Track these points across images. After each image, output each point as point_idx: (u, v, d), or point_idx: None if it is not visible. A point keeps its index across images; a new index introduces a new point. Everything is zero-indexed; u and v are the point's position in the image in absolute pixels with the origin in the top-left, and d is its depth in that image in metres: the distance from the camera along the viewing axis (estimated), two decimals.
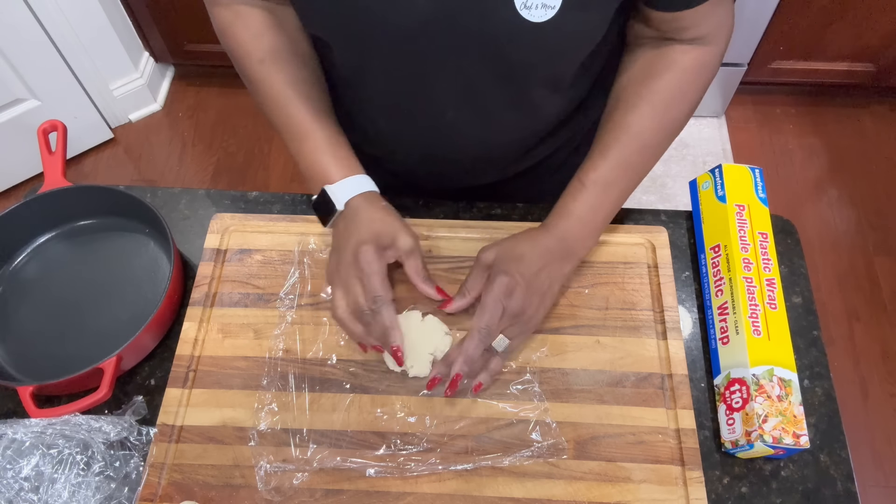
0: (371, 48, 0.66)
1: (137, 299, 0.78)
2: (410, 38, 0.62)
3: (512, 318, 0.68)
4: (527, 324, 0.70)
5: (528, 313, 0.69)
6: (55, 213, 0.83)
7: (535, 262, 0.69)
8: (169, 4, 1.90)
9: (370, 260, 0.68)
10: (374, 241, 0.68)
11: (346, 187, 0.71)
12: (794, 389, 0.67)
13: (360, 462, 0.68)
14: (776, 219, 0.83)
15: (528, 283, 0.68)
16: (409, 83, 0.69)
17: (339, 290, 0.70)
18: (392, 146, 0.81)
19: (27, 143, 1.76)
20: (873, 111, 2.15)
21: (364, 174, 0.73)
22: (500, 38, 0.61)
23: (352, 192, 0.71)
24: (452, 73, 0.66)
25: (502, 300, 0.67)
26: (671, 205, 1.94)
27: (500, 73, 0.66)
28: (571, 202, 0.72)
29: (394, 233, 0.70)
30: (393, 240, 0.70)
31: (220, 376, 0.73)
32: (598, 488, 0.67)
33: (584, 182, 0.71)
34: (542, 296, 0.70)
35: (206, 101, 2.23)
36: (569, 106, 0.79)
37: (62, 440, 0.64)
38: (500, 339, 0.69)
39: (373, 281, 0.67)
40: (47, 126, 0.83)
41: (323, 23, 0.66)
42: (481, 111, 0.72)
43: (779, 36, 1.86)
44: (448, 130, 0.75)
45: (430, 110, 0.73)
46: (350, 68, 0.73)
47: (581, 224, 0.72)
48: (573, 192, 0.72)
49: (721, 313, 0.73)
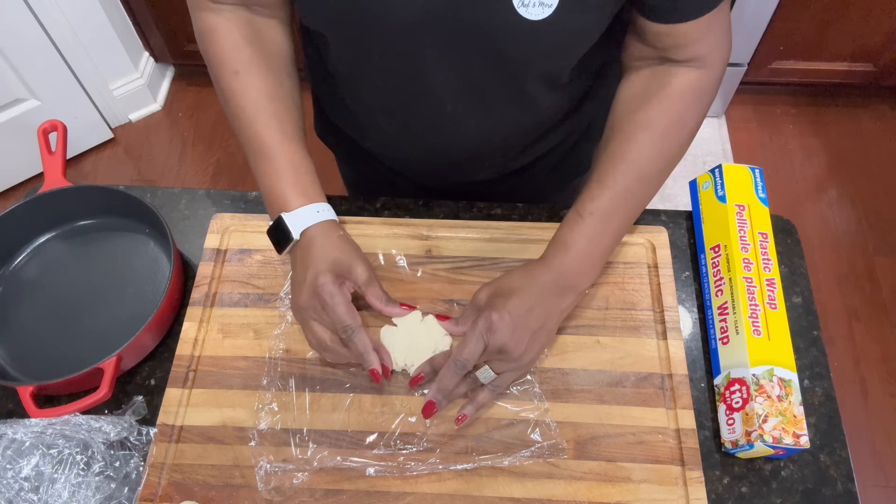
0: (369, 43, 0.66)
1: (137, 299, 0.78)
2: (408, 33, 0.63)
3: (496, 354, 0.66)
4: (517, 361, 0.67)
5: (516, 351, 0.66)
6: (55, 213, 0.83)
7: (528, 298, 0.67)
8: (169, 4, 1.90)
9: (331, 292, 0.66)
10: (332, 271, 0.67)
11: (302, 216, 0.69)
12: (794, 389, 0.67)
13: (359, 461, 0.68)
14: (776, 219, 0.83)
15: (515, 320, 0.65)
16: (407, 78, 0.70)
17: (309, 326, 0.69)
18: (391, 142, 0.81)
19: (27, 143, 1.76)
20: (873, 111, 2.15)
21: (324, 202, 0.72)
22: (497, 34, 0.61)
23: (308, 221, 0.69)
24: (450, 69, 0.66)
25: (484, 335, 0.65)
26: (671, 205, 1.94)
27: (498, 69, 0.66)
28: (569, 234, 0.69)
29: (350, 263, 0.69)
30: (349, 270, 0.69)
31: (220, 376, 0.73)
32: (598, 488, 0.67)
33: (582, 213, 0.69)
34: (533, 333, 0.67)
35: (206, 101, 2.23)
36: (567, 102, 0.79)
37: (62, 440, 0.64)
38: (484, 371, 0.67)
39: (337, 312, 0.66)
40: (47, 126, 0.83)
41: (322, 18, 0.66)
42: (480, 107, 0.72)
43: (779, 36, 1.86)
44: (447, 126, 0.75)
45: (428, 106, 0.73)
46: (349, 63, 0.73)
47: (580, 257, 0.69)
48: (571, 224, 0.70)
49: (721, 313, 0.73)
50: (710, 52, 0.67)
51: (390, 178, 0.93)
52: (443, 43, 0.63)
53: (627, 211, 0.71)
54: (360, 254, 0.71)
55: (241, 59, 0.70)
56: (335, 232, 0.70)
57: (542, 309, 0.68)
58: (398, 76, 0.70)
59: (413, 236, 0.82)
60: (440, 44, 0.63)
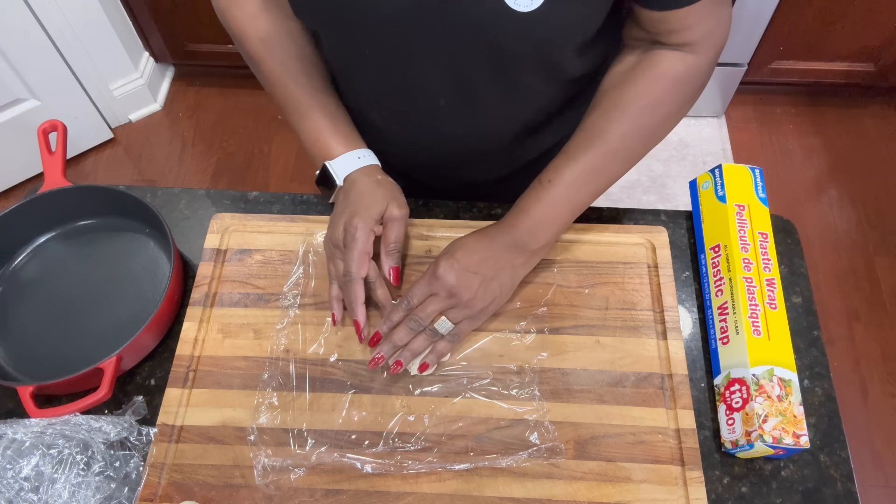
0: (360, 37, 0.67)
1: (137, 299, 0.78)
2: (399, 26, 0.63)
3: (447, 298, 0.69)
4: (469, 307, 0.70)
5: (466, 293, 0.69)
6: (55, 213, 0.83)
7: (477, 249, 0.71)
8: (169, 4, 1.90)
9: (355, 235, 0.70)
10: (364, 212, 0.71)
11: (345, 162, 0.74)
12: (794, 389, 0.67)
13: (358, 458, 0.68)
14: (776, 219, 0.83)
15: (462, 264, 0.69)
16: (399, 72, 0.70)
17: (332, 260, 0.74)
18: (387, 138, 0.82)
19: (27, 143, 1.76)
20: (873, 111, 2.15)
21: (363, 147, 0.77)
22: (486, 26, 0.61)
23: (350, 167, 0.74)
24: (443, 62, 0.67)
25: (430, 279, 0.70)
26: (671, 205, 1.94)
27: (490, 63, 0.66)
28: (527, 200, 0.72)
29: (385, 203, 0.72)
30: (384, 209, 0.72)
31: (220, 376, 0.73)
32: (598, 488, 0.67)
33: (543, 181, 0.71)
34: (484, 279, 0.70)
35: (206, 101, 2.23)
36: (563, 96, 0.79)
37: (62, 440, 0.64)
38: (442, 322, 0.70)
39: (349, 255, 0.70)
40: (47, 126, 0.83)
41: (312, 13, 0.67)
42: (473, 100, 0.72)
43: (779, 36, 1.86)
44: (441, 121, 0.76)
45: (422, 100, 0.73)
46: (341, 59, 0.74)
47: (533, 220, 0.71)
48: (531, 192, 0.72)
49: (721, 313, 0.73)
50: (702, 39, 0.67)
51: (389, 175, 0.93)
52: (434, 36, 0.63)
53: (591, 184, 0.72)
54: (397, 195, 0.75)
55: (262, 27, 0.75)
56: (374, 176, 0.75)
57: (492, 260, 0.71)
58: (390, 70, 0.70)
59: (413, 236, 0.82)
60: (431, 37, 0.64)
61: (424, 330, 0.70)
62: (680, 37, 0.67)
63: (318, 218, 0.83)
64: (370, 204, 0.72)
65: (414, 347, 0.70)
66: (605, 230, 0.81)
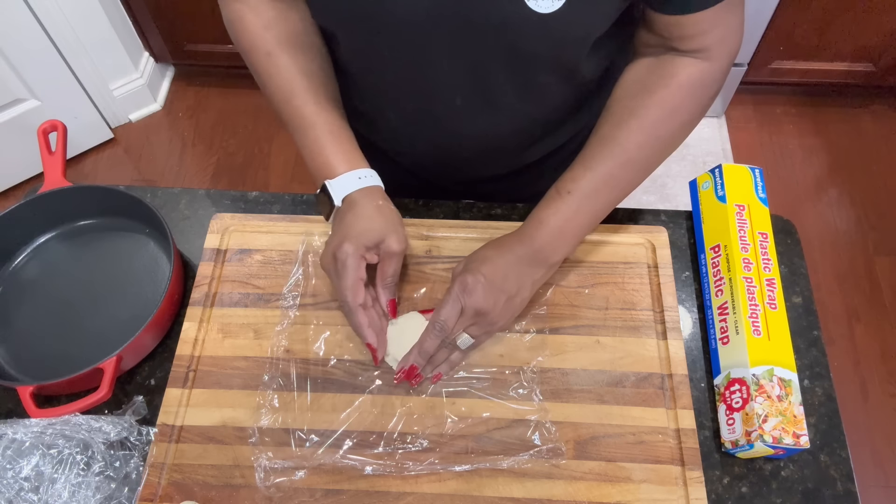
0: (378, 39, 0.66)
1: (137, 299, 0.78)
2: (417, 28, 0.63)
3: (474, 317, 0.69)
4: (491, 324, 0.70)
5: (492, 313, 0.69)
6: (55, 213, 0.83)
7: (502, 265, 0.69)
8: (169, 4, 1.90)
9: (345, 263, 0.68)
10: (355, 240, 0.68)
11: (345, 182, 0.71)
12: (794, 389, 0.67)
13: (358, 459, 0.68)
14: (776, 219, 0.83)
15: (490, 282, 0.68)
16: (416, 73, 0.70)
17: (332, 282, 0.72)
18: (401, 137, 0.82)
19: (27, 143, 1.76)
20: (873, 111, 2.15)
21: (366, 167, 0.73)
22: (507, 29, 0.61)
23: (350, 187, 0.71)
24: (460, 62, 0.67)
25: (460, 297, 0.69)
26: (671, 205, 1.94)
27: (508, 63, 0.66)
28: (545, 210, 0.71)
29: (382, 233, 0.70)
30: (380, 240, 0.70)
31: (220, 376, 0.73)
32: (598, 488, 0.67)
33: (561, 192, 0.70)
34: (508, 297, 0.69)
35: (206, 101, 2.23)
36: (577, 96, 0.78)
37: (62, 440, 0.64)
38: (463, 338, 0.70)
39: (342, 285, 0.69)
40: (47, 126, 0.83)
41: (332, 13, 0.67)
42: (489, 99, 0.72)
43: (779, 36, 1.86)
44: (457, 119, 0.75)
45: (438, 99, 0.73)
46: (358, 59, 0.73)
47: (552, 233, 0.70)
48: (548, 201, 0.71)
49: (721, 313, 0.73)
50: (717, 45, 0.67)
51: (396, 174, 0.93)
52: (452, 38, 0.63)
53: (608, 194, 0.71)
54: (396, 226, 0.71)
55: (270, 41, 0.72)
56: (375, 201, 0.71)
57: (515, 276, 0.70)
58: (408, 71, 0.70)
59: (413, 236, 0.81)
60: (450, 39, 0.63)
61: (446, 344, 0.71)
62: (694, 42, 0.66)
63: (318, 218, 0.83)
64: (363, 231, 0.69)
65: (434, 360, 0.71)
66: (605, 230, 0.81)
